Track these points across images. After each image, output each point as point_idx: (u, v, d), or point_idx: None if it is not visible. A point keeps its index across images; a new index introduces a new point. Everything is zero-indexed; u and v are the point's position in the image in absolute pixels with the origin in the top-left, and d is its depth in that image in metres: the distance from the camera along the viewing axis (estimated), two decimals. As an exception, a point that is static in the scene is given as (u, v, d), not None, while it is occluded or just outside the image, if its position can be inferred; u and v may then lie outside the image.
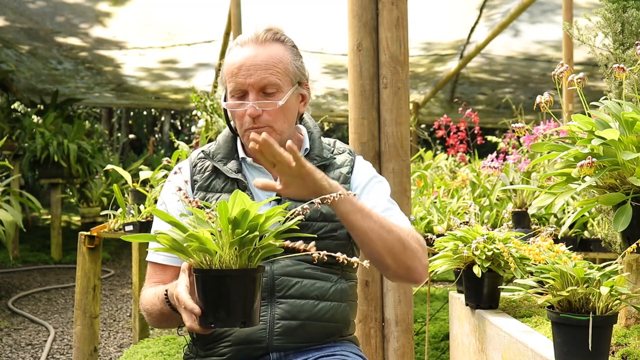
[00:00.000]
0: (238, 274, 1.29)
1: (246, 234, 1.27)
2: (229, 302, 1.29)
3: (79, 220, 8.67)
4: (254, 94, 1.63)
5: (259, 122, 1.63)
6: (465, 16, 6.58)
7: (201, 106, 4.30)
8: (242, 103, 1.63)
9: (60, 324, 4.91)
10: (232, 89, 1.64)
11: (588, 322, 1.33)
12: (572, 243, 2.95)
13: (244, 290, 1.29)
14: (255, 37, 1.65)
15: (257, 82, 1.62)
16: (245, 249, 1.30)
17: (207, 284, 1.30)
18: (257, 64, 1.62)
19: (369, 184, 1.74)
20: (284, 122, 1.66)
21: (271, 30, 1.67)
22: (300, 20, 6.38)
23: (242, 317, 1.30)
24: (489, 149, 4.18)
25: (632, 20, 1.88)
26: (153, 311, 1.59)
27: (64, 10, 6.42)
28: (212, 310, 1.30)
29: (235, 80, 1.63)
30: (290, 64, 1.67)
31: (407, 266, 1.58)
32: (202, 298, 1.31)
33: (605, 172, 1.51)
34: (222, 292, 1.29)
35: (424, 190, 3.90)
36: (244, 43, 1.66)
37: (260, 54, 1.63)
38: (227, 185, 1.69)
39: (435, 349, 3.53)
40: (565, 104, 4.35)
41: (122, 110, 16.21)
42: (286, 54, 1.67)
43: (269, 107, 1.63)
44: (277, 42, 1.67)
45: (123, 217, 3.30)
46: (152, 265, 1.70)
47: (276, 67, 1.64)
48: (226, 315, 1.29)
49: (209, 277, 1.30)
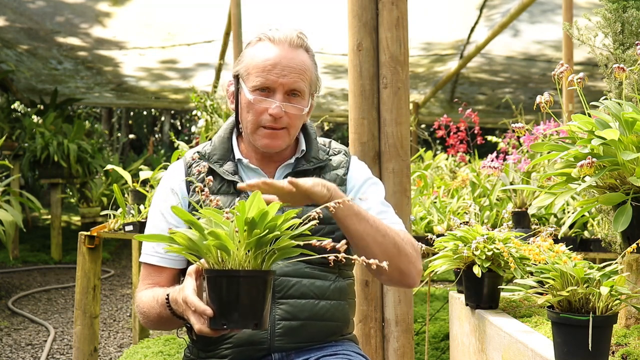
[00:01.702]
0: (253, 274, 1.30)
1: (265, 234, 1.27)
2: (243, 303, 1.29)
3: (79, 220, 8.67)
4: (282, 94, 1.64)
5: (280, 123, 1.65)
6: (465, 16, 6.58)
7: (201, 106, 4.30)
8: (270, 100, 1.64)
9: (60, 324, 4.91)
10: (260, 84, 1.64)
11: (588, 322, 1.33)
12: (572, 243, 2.95)
13: (257, 291, 1.29)
14: (290, 40, 1.66)
15: (289, 83, 1.63)
16: (261, 250, 1.30)
17: (222, 284, 1.30)
18: (291, 67, 1.64)
19: (363, 185, 1.74)
20: (297, 128, 1.70)
21: (302, 38, 1.69)
22: (300, 20, 6.38)
23: (254, 319, 1.30)
24: (489, 149, 4.18)
25: (632, 20, 1.88)
26: (150, 314, 1.58)
27: (64, 10, 6.42)
28: (225, 311, 1.30)
29: (267, 76, 1.63)
30: (313, 74, 1.70)
31: (400, 270, 1.59)
32: (215, 299, 1.31)
33: (605, 172, 1.51)
34: (237, 292, 1.29)
35: (424, 190, 3.90)
36: (277, 42, 1.66)
37: (295, 57, 1.65)
38: (223, 187, 1.69)
39: (435, 349, 3.53)
40: (565, 104, 4.35)
41: (122, 110, 16.21)
42: (310, 63, 1.70)
43: (293, 111, 1.65)
44: (305, 51, 1.70)
45: (123, 217, 3.30)
46: (146, 267, 1.69)
47: (306, 73, 1.66)
48: (239, 317, 1.29)
49: (224, 277, 1.30)
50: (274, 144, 1.67)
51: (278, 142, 1.67)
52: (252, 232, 1.27)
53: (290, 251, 1.33)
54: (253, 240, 1.27)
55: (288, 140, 1.68)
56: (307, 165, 1.72)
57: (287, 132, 1.66)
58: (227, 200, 1.66)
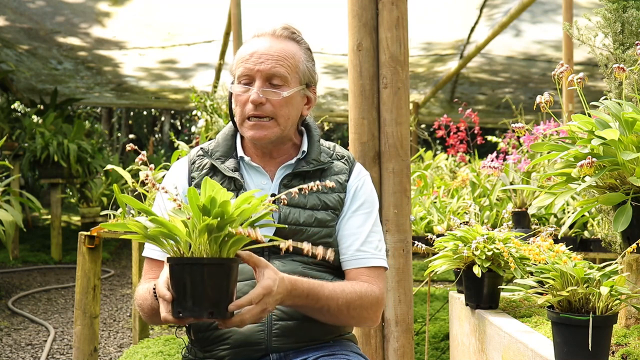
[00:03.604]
0: (203, 261, 1.29)
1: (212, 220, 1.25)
2: (195, 291, 1.28)
3: (79, 220, 8.67)
4: (261, 81, 1.64)
5: (262, 111, 1.64)
6: (465, 16, 6.58)
7: (201, 106, 4.30)
8: (248, 88, 1.64)
9: (60, 324, 4.91)
10: (240, 74, 1.66)
11: (588, 322, 1.33)
12: (572, 243, 2.95)
13: (210, 279, 1.28)
14: (272, 31, 1.68)
15: (266, 69, 1.63)
16: (213, 237, 1.29)
17: (174, 272, 1.31)
18: (269, 54, 1.64)
19: (358, 210, 1.72)
20: (287, 118, 1.67)
21: (289, 29, 1.70)
22: (300, 20, 6.37)
23: (209, 307, 1.29)
24: (489, 149, 4.19)
25: (632, 20, 1.88)
26: (145, 306, 1.59)
27: (64, 10, 6.42)
28: (180, 299, 1.30)
29: (245, 65, 1.64)
30: (301, 63, 1.69)
31: (356, 325, 1.76)
32: (172, 287, 1.32)
33: (605, 172, 1.51)
34: (188, 280, 1.28)
35: (424, 190, 3.90)
36: (260, 35, 1.69)
37: (274, 45, 1.65)
38: (224, 183, 1.69)
39: (435, 349, 3.53)
40: (565, 104, 4.35)
41: (122, 110, 16.22)
42: (299, 53, 1.69)
43: (273, 97, 1.63)
44: (293, 41, 1.69)
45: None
46: (148, 261, 1.71)
47: (287, 60, 1.65)
48: (192, 304, 1.29)
49: (175, 264, 1.31)
50: (259, 134, 1.65)
51: (263, 132, 1.65)
52: (203, 218, 1.26)
53: (242, 239, 1.31)
54: (202, 226, 1.26)
55: (277, 131, 1.66)
56: (307, 167, 1.71)
57: (274, 122, 1.65)
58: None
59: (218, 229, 1.27)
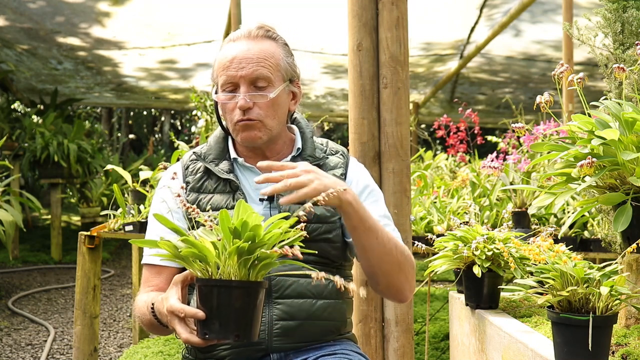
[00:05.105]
0: (233, 284, 1.28)
1: (244, 243, 1.25)
2: (222, 313, 1.28)
3: (79, 220, 8.67)
4: (246, 86, 1.62)
5: (250, 115, 1.63)
6: (465, 16, 6.58)
7: (201, 106, 4.30)
8: (234, 95, 1.63)
9: (60, 324, 4.91)
10: (223, 82, 1.64)
11: (588, 322, 1.33)
12: (572, 243, 2.95)
13: (238, 302, 1.28)
14: (248, 33, 1.66)
15: (248, 74, 1.62)
16: (243, 259, 1.28)
17: (203, 293, 1.30)
18: (249, 57, 1.63)
19: (362, 194, 1.71)
20: (274, 118, 1.66)
21: (263, 28, 1.68)
22: (300, 20, 6.38)
23: (235, 330, 1.28)
24: (489, 149, 4.19)
25: (632, 20, 1.88)
26: (144, 319, 1.58)
27: (64, 10, 6.42)
28: (207, 320, 1.29)
29: (227, 73, 1.63)
30: (281, 60, 1.67)
31: (397, 288, 1.62)
32: (200, 308, 1.30)
33: (605, 172, 1.51)
34: (215, 301, 1.28)
35: (424, 190, 3.90)
36: (235, 39, 1.67)
37: (252, 48, 1.64)
38: (219, 186, 1.68)
39: (435, 349, 3.53)
40: (565, 104, 4.35)
41: (122, 110, 16.21)
42: (278, 50, 1.68)
43: (260, 100, 1.62)
44: (269, 39, 1.68)
45: (123, 217, 3.31)
46: (147, 268, 1.69)
47: (268, 60, 1.64)
48: (219, 326, 1.29)
49: (203, 285, 1.30)
50: (250, 135, 1.64)
51: (254, 132, 1.64)
52: (234, 241, 1.25)
53: (271, 263, 1.31)
54: (233, 249, 1.25)
55: (268, 131, 1.65)
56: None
57: (262, 124, 1.64)
58: (224, 199, 1.66)
59: (249, 252, 1.27)
